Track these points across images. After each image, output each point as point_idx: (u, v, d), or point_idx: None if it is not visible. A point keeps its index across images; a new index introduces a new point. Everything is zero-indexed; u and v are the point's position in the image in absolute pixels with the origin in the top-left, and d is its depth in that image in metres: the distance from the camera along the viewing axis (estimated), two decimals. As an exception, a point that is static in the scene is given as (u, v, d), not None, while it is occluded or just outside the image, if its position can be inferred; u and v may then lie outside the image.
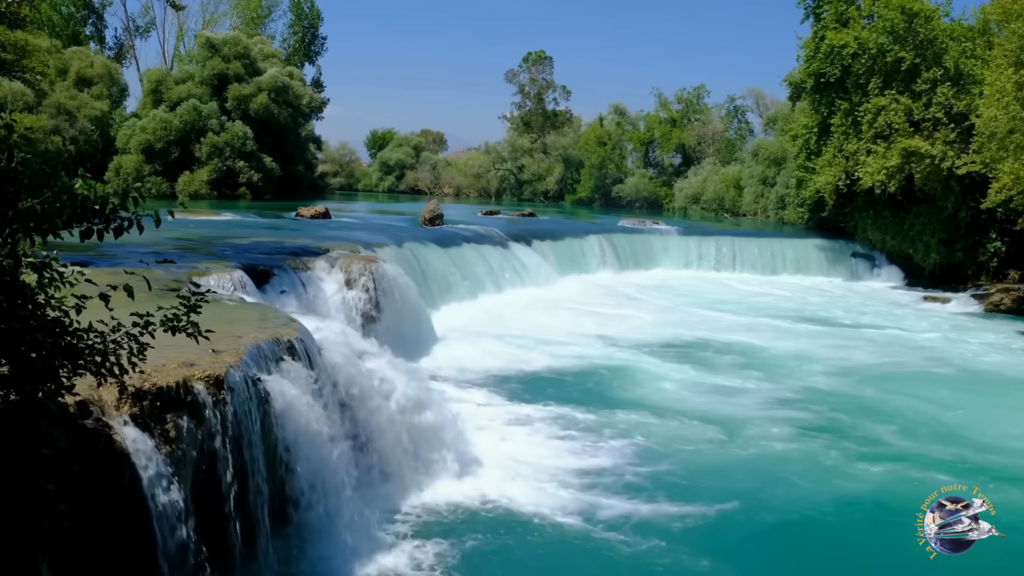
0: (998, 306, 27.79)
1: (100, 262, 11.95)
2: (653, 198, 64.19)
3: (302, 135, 56.86)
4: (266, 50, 55.91)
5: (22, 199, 4.41)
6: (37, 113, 41.59)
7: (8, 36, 25.07)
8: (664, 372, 16.54)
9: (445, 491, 9.85)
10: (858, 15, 32.86)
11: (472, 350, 17.18)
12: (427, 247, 23.28)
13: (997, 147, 25.73)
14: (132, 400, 6.09)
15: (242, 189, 48.33)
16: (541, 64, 77.43)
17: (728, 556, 8.76)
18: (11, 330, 4.35)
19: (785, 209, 46.87)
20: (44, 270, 4.56)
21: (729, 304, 26.19)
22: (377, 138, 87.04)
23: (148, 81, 51.80)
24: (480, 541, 8.71)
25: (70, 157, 39.09)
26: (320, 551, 7.99)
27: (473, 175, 76.76)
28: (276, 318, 9.66)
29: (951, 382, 17.00)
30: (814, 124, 36.13)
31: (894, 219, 33.18)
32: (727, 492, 10.29)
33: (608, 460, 11.24)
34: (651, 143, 69.02)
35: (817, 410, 14.21)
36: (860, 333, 22.28)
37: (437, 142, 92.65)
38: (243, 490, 7.11)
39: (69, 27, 60.05)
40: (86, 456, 5.42)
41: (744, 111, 66.88)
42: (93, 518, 5.36)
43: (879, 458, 11.77)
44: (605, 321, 21.69)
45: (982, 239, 31.23)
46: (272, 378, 7.90)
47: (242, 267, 14.10)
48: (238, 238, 19.86)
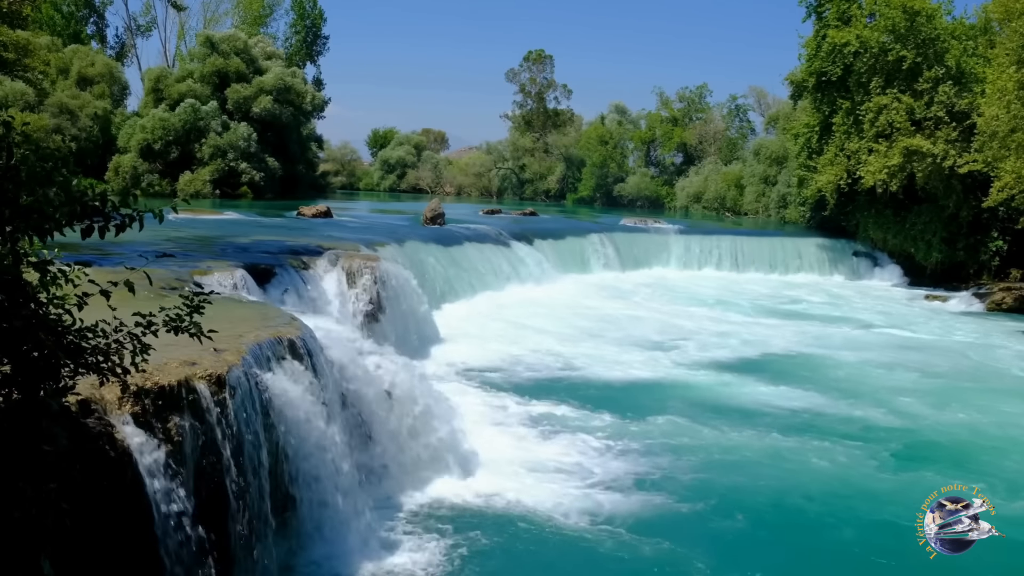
0: (1000, 305, 27.79)
1: (102, 261, 11.95)
2: (654, 197, 64.16)
3: (304, 134, 56.88)
4: (267, 49, 55.90)
5: (22, 197, 4.41)
6: (39, 112, 41.60)
7: (10, 35, 25.09)
8: (667, 372, 16.54)
9: (446, 490, 9.86)
10: (860, 14, 32.85)
11: (473, 349, 17.19)
12: (428, 246, 23.29)
13: (999, 146, 25.72)
14: (134, 399, 6.10)
15: (244, 188, 48.33)
16: (542, 63, 77.39)
17: (729, 556, 8.76)
18: (13, 329, 4.35)
19: (787, 208, 46.86)
20: (46, 268, 4.56)
21: (731, 303, 26.20)
22: (378, 137, 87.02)
23: (148, 80, 51.78)
24: (481, 540, 8.71)
25: (70, 154, 39.07)
26: (321, 549, 8.00)
27: (474, 174, 76.76)
28: (278, 317, 9.66)
29: (951, 381, 16.98)
30: (816, 123, 36.12)
31: (896, 218, 33.16)
32: (729, 492, 10.29)
33: (610, 459, 11.24)
34: (652, 142, 68.97)
35: (818, 408, 14.21)
36: (861, 332, 22.27)
37: (438, 141, 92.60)
38: (244, 489, 7.11)
39: (70, 26, 60.06)
40: (88, 455, 5.42)
41: (746, 110, 66.94)
42: (95, 516, 5.36)
43: (880, 457, 11.77)
44: (606, 320, 21.69)
45: (984, 238, 31.22)
46: (274, 377, 7.91)
47: (244, 266, 14.10)
48: (240, 237, 19.87)
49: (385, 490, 9.53)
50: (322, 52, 71.31)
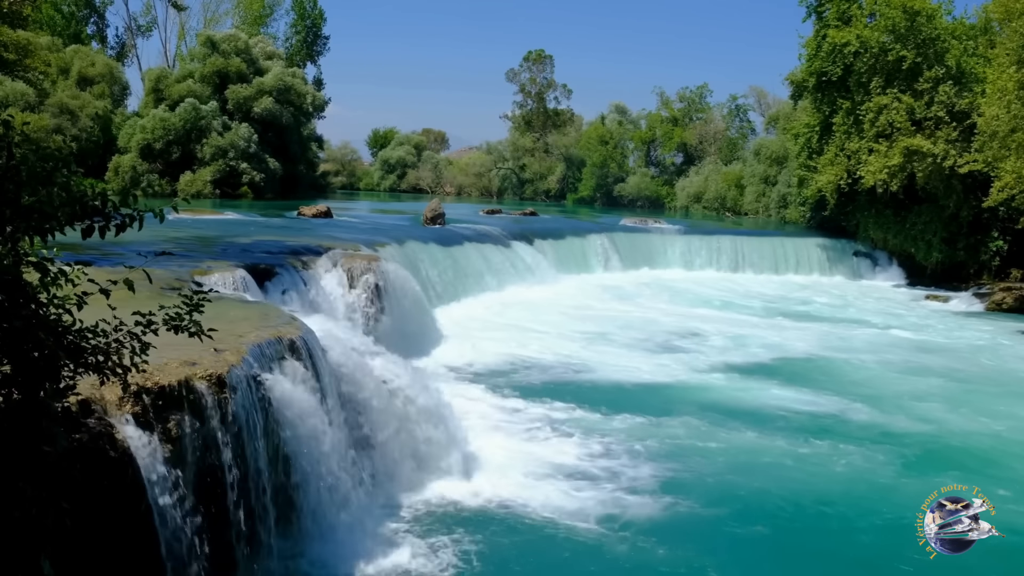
0: (1000, 305, 27.78)
1: (101, 261, 11.95)
2: (655, 197, 64.16)
3: (304, 134, 56.88)
4: (268, 49, 55.93)
5: (23, 197, 4.41)
6: (39, 112, 41.59)
7: (10, 36, 25.10)
8: (671, 373, 16.51)
9: (447, 489, 9.85)
10: (860, 14, 32.84)
11: (474, 349, 17.18)
12: (429, 246, 23.28)
13: (999, 146, 25.73)
14: (134, 399, 6.10)
15: (244, 188, 48.34)
16: (542, 63, 77.39)
17: (730, 556, 8.76)
18: (13, 329, 4.35)
19: (787, 208, 46.86)
20: (46, 268, 4.56)
21: (734, 304, 26.21)
22: (379, 137, 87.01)
23: (149, 80, 51.80)
24: (482, 540, 8.70)
25: (72, 154, 39.08)
26: (322, 549, 8.00)
27: (475, 174, 76.75)
28: (278, 317, 9.66)
29: (968, 384, 16.89)
30: (816, 123, 36.12)
31: (896, 218, 33.16)
32: (732, 491, 10.29)
33: (612, 459, 11.22)
34: (653, 142, 68.98)
35: (818, 407, 14.21)
36: (862, 331, 22.26)
37: (439, 141, 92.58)
38: (245, 488, 7.12)
39: (71, 26, 60.08)
40: (88, 454, 5.43)
41: (746, 110, 66.95)
42: (96, 516, 5.37)
43: (900, 462, 11.71)
44: (609, 320, 21.68)
45: (984, 238, 31.21)
46: (274, 377, 7.91)
47: (244, 266, 14.11)
48: (240, 237, 19.87)
49: (386, 490, 9.53)
50: (322, 52, 71.44)
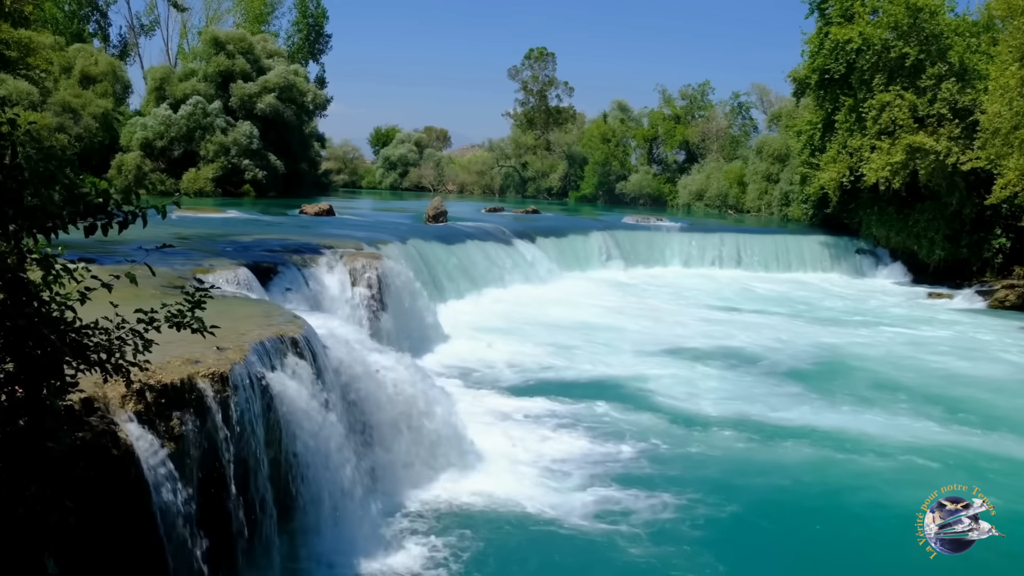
0: (1003, 302, 27.74)
1: (104, 259, 11.98)
2: (657, 195, 64.09)
3: (306, 132, 56.86)
4: (270, 48, 55.91)
5: (26, 196, 4.42)
6: (42, 111, 41.62)
7: (12, 34, 25.13)
8: (674, 373, 16.44)
9: (449, 488, 9.87)
10: (863, 10, 32.76)
11: (476, 347, 17.20)
12: (431, 244, 23.29)
13: (1002, 143, 25.69)
14: (137, 397, 6.12)
15: (246, 187, 48.39)
16: (543, 61, 77.26)
17: (730, 556, 8.76)
18: (16, 327, 4.37)
19: (789, 206, 46.77)
20: (49, 266, 4.58)
21: (735, 302, 26.19)
22: (380, 135, 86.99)
23: (152, 78, 51.82)
24: (484, 539, 8.72)
25: (75, 154, 39.13)
26: (324, 548, 8.02)
27: (477, 172, 76.71)
28: (280, 315, 9.68)
29: (952, 377, 16.94)
30: (818, 120, 36.07)
31: (898, 215, 33.11)
32: (734, 492, 10.29)
33: (614, 458, 11.24)
34: (655, 140, 68.89)
35: (817, 404, 14.21)
36: (862, 328, 22.24)
37: (441, 139, 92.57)
38: (247, 487, 7.14)
39: (73, 24, 60.11)
40: (91, 453, 5.45)
41: (748, 107, 66.76)
42: (99, 514, 5.38)
43: (880, 454, 11.76)
44: (609, 318, 21.68)
45: (987, 235, 31.15)
46: (276, 375, 7.92)
47: (246, 264, 14.12)
48: (242, 235, 19.89)
49: (387, 487, 9.54)
50: (324, 50, 71.44)
